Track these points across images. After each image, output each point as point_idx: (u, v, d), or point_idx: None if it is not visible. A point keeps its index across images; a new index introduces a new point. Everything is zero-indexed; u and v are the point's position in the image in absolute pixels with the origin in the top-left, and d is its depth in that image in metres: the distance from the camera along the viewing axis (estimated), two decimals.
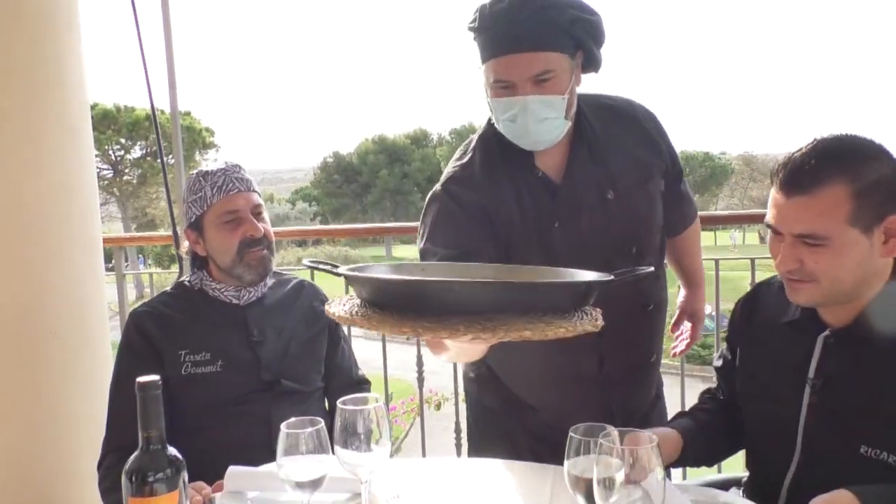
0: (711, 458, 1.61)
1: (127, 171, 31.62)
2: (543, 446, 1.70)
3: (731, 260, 2.91)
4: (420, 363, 2.92)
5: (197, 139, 31.30)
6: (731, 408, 1.57)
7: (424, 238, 1.70)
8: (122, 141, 30.85)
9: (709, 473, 2.11)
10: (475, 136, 1.76)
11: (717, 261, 2.87)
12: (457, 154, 1.77)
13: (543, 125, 1.58)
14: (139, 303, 2.06)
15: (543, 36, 1.52)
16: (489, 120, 1.71)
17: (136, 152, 31.66)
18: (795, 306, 1.42)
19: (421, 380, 2.97)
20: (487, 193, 1.66)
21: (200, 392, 1.81)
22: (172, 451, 1.06)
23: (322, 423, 1.25)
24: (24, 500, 2.22)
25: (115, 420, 1.82)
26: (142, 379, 1.04)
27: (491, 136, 1.69)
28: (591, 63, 1.62)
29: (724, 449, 1.60)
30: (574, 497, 1.13)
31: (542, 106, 1.55)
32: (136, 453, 1.04)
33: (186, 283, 1.96)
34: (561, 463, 1.15)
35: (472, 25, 1.59)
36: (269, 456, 1.62)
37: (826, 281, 1.27)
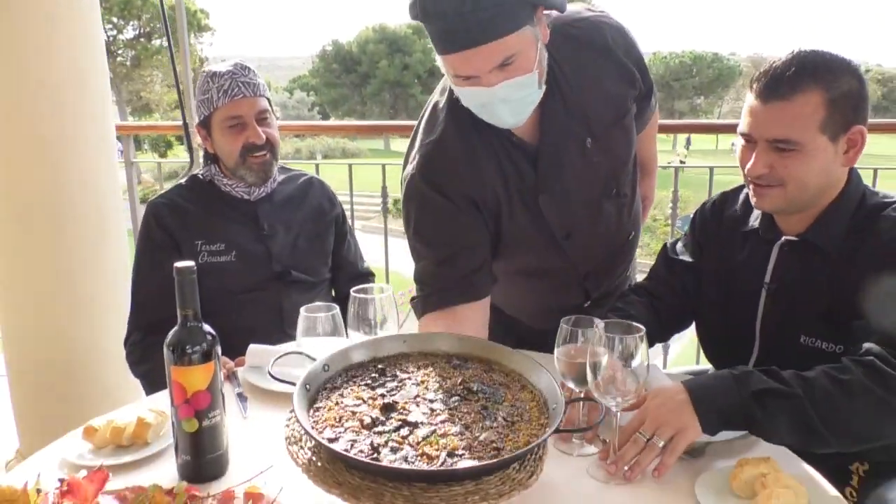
0: None
1: (120, 52, 30.77)
2: (525, 346, 1.81)
3: (727, 167, 3.00)
4: None
5: (191, 21, 30.28)
6: (661, 298, 1.66)
7: (412, 232, 1.62)
8: (114, 20, 29.87)
9: (687, 365, 2.28)
10: (442, 107, 1.60)
11: (711, 168, 2.96)
12: (424, 126, 1.63)
13: (516, 106, 1.46)
14: (139, 187, 2.15)
15: (498, 22, 1.33)
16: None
17: (129, 33, 30.72)
18: (756, 216, 1.55)
19: None
20: (468, 176, 1.57)
21: (216, 280, 1.93)
22: (207, 327, 1.18)
23: (337, 308, 1.38)
24: (54, 374, 2.39)
25: (139, 303, 1.96)
26: (179, 264, 1.15)
27: (461, 107, 1.52)
28: (554, 7, 1.45)
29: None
30: (563, 380, 1.27)
31: (513, 89, 1.42)
32: (175, 328, 1.16)
33: (199, 176, 2.04)
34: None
35: (413, 13, 1.39)
36: (281, 338, 1.78)
37: (792, 185, 1.38)
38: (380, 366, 1.32)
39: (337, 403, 1.19)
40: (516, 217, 1.61)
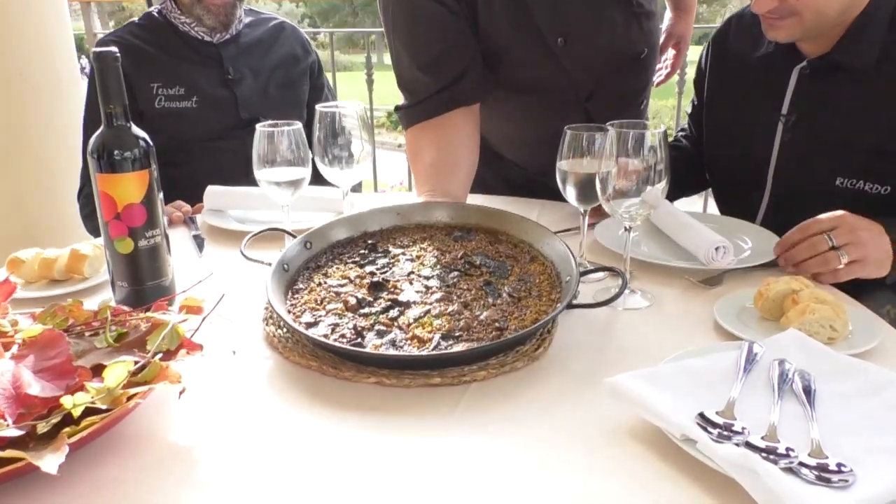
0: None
1: None
2: (522, 193, 1.64)
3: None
4: None
5: None
6: (696, 151, 1.53)
7: (391, 34, 1.44)
8: None
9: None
10: None
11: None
12: None
13: None
14: None
15: None
16: None
17: None
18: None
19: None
20: None
21: (177, 127, 1.74)
22: (139, 131, 0.99)
23: (299, 125, 1.18)
24: (7, 240, 2.22)
25: None
26: (97, 49, 0.95)
27: None
28: None
29: (685, 187, 1.58)
30: (565, 195, 1.10)
31: None
32: (99, 130, 0.97)
33: (155, 13, 1.82)
34: None
35: None
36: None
37: (808, 14, 1.17)
38: (370, 241, 1.15)
39: (320, 284, 1.02)
40: (496, 10, 1.39)
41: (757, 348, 0.84)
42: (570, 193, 1.09)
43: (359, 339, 0.88)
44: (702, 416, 0.72)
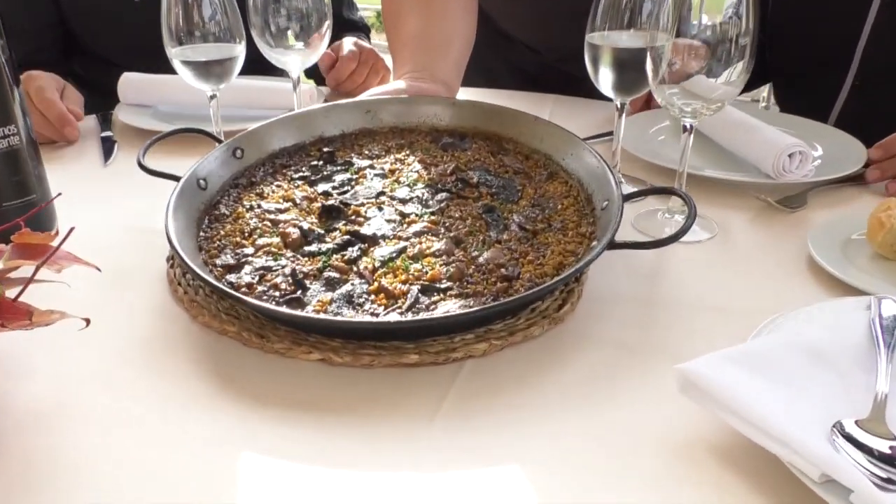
0: None
1: None
2: (534, 86, 1.32)
3: None
4: None
5: None
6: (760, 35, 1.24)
7: None
8: None
9: None
10: None
11: None
12: None
13: None
14: None
15: None
16: None
17: None
18: None
19: None
20: None
21: (113, 30, 1.35)
22: None
23: None
24: None
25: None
26: None
27: None
28: None
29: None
30: (597, 85, 0.79)
31: None
32: None
33: None
34: None
35: None
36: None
37: None
38: (326, 149, 0.83)
39: (251, 209, 0.72)
40: None
41: (891, 307, 0.57)
42: (605, 79, 0.78)
43: (298, 293, 0.59)
44: (840, 430, 0.44)
